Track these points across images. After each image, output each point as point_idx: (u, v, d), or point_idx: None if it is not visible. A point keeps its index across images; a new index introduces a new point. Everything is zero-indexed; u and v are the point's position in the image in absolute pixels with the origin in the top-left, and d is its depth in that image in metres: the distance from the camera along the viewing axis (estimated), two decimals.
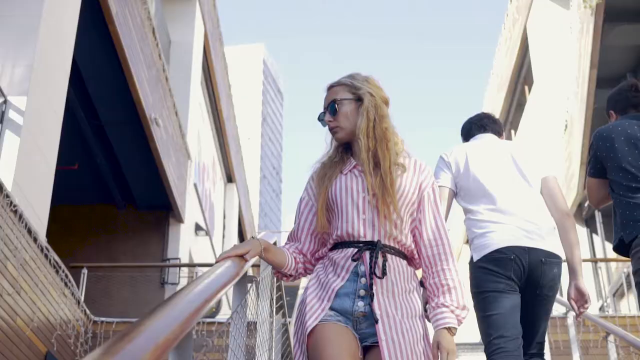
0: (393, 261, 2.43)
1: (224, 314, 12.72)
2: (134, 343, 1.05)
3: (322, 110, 2.60)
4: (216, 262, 2.25)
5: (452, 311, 2.37)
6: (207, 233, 16.69)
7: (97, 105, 11.15)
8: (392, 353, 2.27)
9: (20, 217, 6.73)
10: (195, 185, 15.47)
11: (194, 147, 15.26)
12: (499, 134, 3.85)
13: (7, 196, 6.45)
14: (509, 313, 3.35)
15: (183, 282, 13.27)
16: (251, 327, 3.31)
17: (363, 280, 2.38)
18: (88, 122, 11.32)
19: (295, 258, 2.54)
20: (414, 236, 2.51)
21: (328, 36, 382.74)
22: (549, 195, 3.58)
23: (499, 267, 3.35)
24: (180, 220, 13.87)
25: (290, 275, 2.58)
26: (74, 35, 8.47)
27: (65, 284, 7.99)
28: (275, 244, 3.92)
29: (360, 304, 2.36)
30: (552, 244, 3.46)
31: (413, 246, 2.49)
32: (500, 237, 3.39)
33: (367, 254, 2.40)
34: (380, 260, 2.38)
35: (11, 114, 7.11)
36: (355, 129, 2.51)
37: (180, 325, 1.25)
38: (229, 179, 21.26)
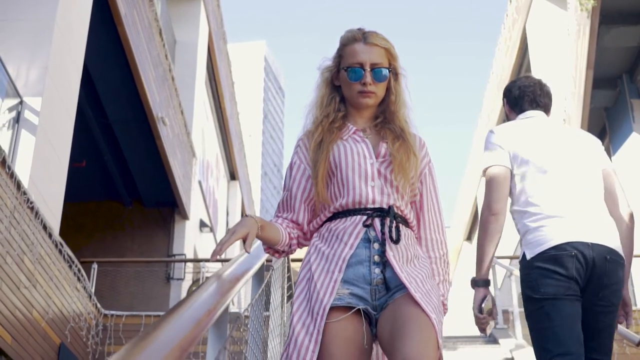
0: (402, 229, 2.31)
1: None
2: (189, 312, 1.33)
3: (357, 62, 2.36)
4: (216, 250, 2.04)
5: (444, 304, 2.33)
6: (211, 229, 16.97)
7: (105, 104, 11.43)
8: (419, 296, 2.14)
9: (37, 213, 7.01)
10: (199, 182, 15.75)
11: (198, 145, 15.54)
12: (548, 111, 3.35)
13: (25, 193, 6.74)
14: (572, 324, 2.86)
15: (188, 277, 13.54)
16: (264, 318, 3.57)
17: (376, 245, 2.23)
18: (96, 120, 11.60)
19: (289, 233, 2.35)
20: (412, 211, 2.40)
21: (329, 34, 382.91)
22: (608, 190, 3.14)
23: (558, 265, 2.88)
24: (185, 217, 14.16)
25: (283, 252, 2.39)
26: (85, 37, 8.75)
27: (78, 279, 8.28)
28: None
29: (377, 270, 2.21)
30: (616, 242, 2.99)
31: (414, 221, 2.39)
32: (558, 231, 2.92)
33: (377, 221, 2.27)
34: (394, 225, 2.25)
35: (27, 114, 7.39)
36: (380, 99, 2.40)
37: (223, 297, 1.52)
38: (232, 176, 21.53)
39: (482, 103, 21.60)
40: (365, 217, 2.26)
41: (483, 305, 2.94)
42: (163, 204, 14.04)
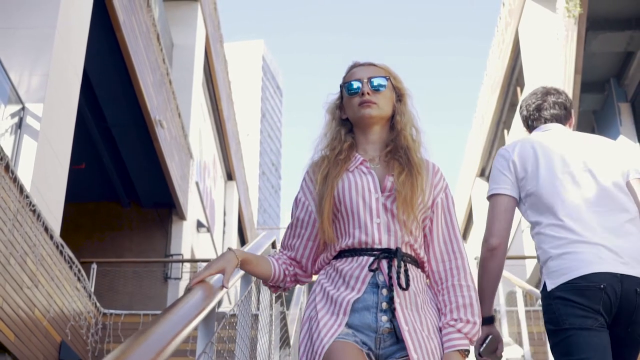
0: (412, 270, 2.18)
1: (225, 307, 13.24)
2: (180, 313, 1.59)
3: (355, 78, 2.32)
4: (191, 283, 2.06)
5: (459, 330, 2.12)
6: (208, 230, 17.23)
7: (104, 107, 11.70)
8: None
9: (39, 216, 7.27)
10: (197, 183, 16.01)
11: (195, 147, 15.80)
12: (563, 119, 3.07)
13: (27, 197, 7.00)
14: (602, 356, 2.55)
15: (185, 277, 13.80)
16: (252, 317, 3.81)
17: (384, 291, 2.12)
18: (95, 123, 11.86)
19: (284, 270, 2.28)
20: (423, 245, 2.26)
21: (327, 33, 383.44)
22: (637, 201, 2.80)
23: (584, 298, 2.57)
24: (182, 217, 14.43)
25: (278, 287, 2.32)
26: (85, 44, 9.01)
27: (78, 279, 8.55)
28: (274, 243, 4.36)
29: (384, 318, 2.10)
30: None
31: (425, 257, 2.25)
32: (585, 259, 2.62)
33: (384, 263, 2.15)
34: (402, 269, 2.13)
35: (29, 120, 7.64)
36: (386, 117, 2.32)
37: (210, 298, 1.79)
38: (229, 176, 21.80)
39: (476, 103, 21.90)
40: (371, 260, 2.15)
41: (483, 346, 2.63)
42: (161, 204, 14.32)
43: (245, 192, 24.30)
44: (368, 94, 2.26)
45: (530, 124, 3.09)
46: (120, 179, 13.71)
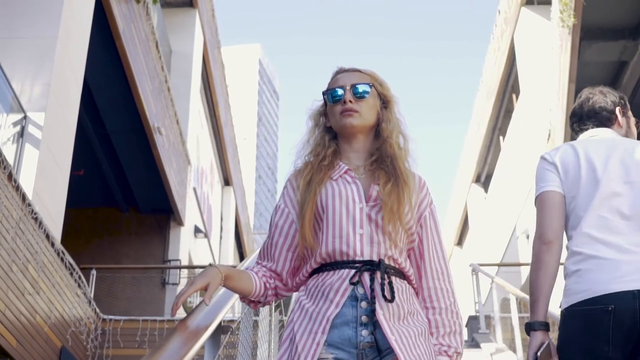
0: (396, 282, 2.09)
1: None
2: (195, 325, 1.70)
3: (337, 85, 2.24)
4: (175, 303, 1.97)
5: (450, 356, 2.11)
6: (206, 235, 17.35)
7: (103, 115, 11.81)
8: None
9: (40, 223, 7.38)
10: (194, 189, 16.12)
11: (193, 153, 15.92)
12: (605, 122, 2.80)
13: (29, 205, 7.11)
14: None
15: (183, 282, 13.90)
16: (254, 324, 3.92)
17: (364, 304, 2.04)
18: (95, 130, 11.97)
19: (265, 283, 2.17)
20: (410, 260, 2.19)
21: (323, 36, 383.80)
22: None
23: (590, 325, 2.36)
24: (180, 223, 14.54)
25: (259, 302, 2.22)
26: (85, 53, 9.13)
27: (79, 285, 8.65)
28: None
29: (365, 332, 2.02)
30: None
31: (411, 271, 2.17)
32: (596, 278, 2.41)
33: (366, 276, 2.06)
34: (386, 281, 2.04)
35: (30, 129, 7.75)
36: (371, 126, 2.23)
37: (216, 316, 1.90)
38: (226, 182, 21.91)
39: (472, 110, 22.02)
40: (352, 272, 2.06)
41: (539, 353, 2.43)
42: (159, 210, 14.43)
43: (242, 197, 24.42)
44: (350, 101, 2.19)
45: (576, 135, 2.90)
46: (119, 185, 13.82)
